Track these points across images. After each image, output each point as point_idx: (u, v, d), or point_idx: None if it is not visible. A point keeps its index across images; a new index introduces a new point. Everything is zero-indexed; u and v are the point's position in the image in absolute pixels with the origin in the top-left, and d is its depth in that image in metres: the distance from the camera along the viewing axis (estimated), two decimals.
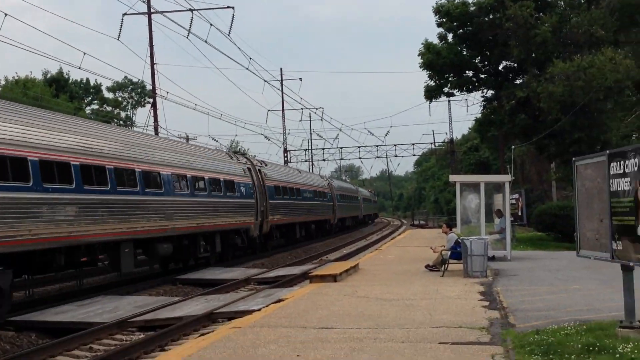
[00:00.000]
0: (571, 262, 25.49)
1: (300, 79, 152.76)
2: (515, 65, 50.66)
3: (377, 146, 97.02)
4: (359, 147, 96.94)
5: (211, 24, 39.71)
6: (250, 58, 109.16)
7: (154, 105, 61.94)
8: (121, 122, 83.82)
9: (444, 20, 50.42)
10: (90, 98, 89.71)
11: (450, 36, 52.01)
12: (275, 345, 11.40)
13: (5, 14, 29.17)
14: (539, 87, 41.89)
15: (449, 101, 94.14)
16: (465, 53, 51.98)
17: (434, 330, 12.41)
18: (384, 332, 12.37)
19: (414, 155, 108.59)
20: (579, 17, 44.87)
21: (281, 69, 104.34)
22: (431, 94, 55.03)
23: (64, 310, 20.02)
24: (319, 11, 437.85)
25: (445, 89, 55.04)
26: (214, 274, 29.83)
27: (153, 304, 20.71)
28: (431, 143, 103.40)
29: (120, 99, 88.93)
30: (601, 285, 18.59)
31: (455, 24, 50.30)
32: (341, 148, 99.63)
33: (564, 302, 15.77)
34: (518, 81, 51.29)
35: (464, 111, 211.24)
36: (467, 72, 53.36)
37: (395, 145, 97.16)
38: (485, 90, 54.52)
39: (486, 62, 52.75)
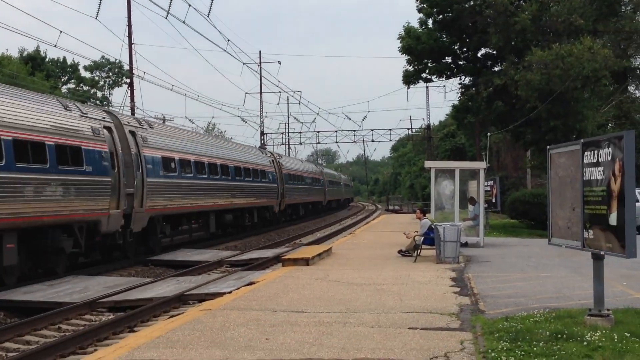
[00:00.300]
0: (543, 249, 25.62)
1: (279, 62, 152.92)
2: (494, 52, 50.62)
3: (354, 131, 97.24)
4: (336, 131, 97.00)
5: (190, 5, 39.39)
6: (229, 40, 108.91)
7: (130, 85, 61.52)
8: (97, 101, 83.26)
9: (425, 5, 50.26)
10: (66, 77, 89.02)
11: (430, 22, 51.88)
12: (245, 329, 11.35)
13: None
14: (517, 75, 41.89)
15: (427, 87, 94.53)
16: (444, 39, 51.87)
17: (404, 315, 12.40)
18: (354, 316, 12.35)
19: (390, 140, 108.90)
20: (558, 6, 44.86)
21: (260, 51, 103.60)
22: (409, 79, 54.87)
23: (33, 290, 19.87)
24: None
25: (424, 75, 54.89)
26: (186, 255, 29.74)
27: (123, 285, 20.61)
28: (408, 129, 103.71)
29: (97, 78, 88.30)
30: (572, 273, 18.71)
31: (435, 9, 50.14)
32: (318, 132, 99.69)
33: (535, 289, 15.83)
34: (496, 68, 51.25)
35: (441, 97, 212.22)
36: (446, 58, 53.23)
37: (372, 130, 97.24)
38: (463, 77, 54.47)
39: (465, 49, 52.66)
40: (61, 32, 39.27)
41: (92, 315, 17.29)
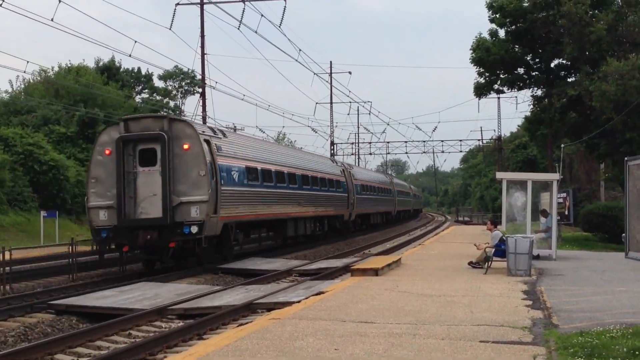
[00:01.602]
0: (618, 263, 25.03)
1: (350, 73, 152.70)
2: (568, 63, 49.88)
3: (424, 141, 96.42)
4: (405, 141, 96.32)
5: (262, 15, 39.78)
6: (300, 50, 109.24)
7: (202, 94, 62.20)
8: (169, 110, 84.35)
9: (497, 15, 49.78)
10: (140, 87, 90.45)
11: (502, 32, 51.35)
12: (313, 338, 11.26)
13: (60, 1, 29.33)
14: (592, 86, 41.18)
15: (499, 98, 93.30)
16: (517, 50, 51.28)
17: (475, 328, 12.18)
18: (423, 328, 12.17)
19: (460, 151, 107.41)
20: (635, 15, 44.00)
21: (331, 62, 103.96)
22: (480, 91, 54.39)
23: (105, 296, 20.12)
24: (370, 4, 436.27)
25: (495, 86, 54.37)
26: (256, 264, 29.80)
27: (194, 292, 20.72)
28: (479, 140, 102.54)
29: (169, 88, 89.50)
30: None
31: (508, 19, 49.62)
32: (388, 142, 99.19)
33: (610, 303, 15.41)
34: (570, 79, 50.50)
35: (513, 108, 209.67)
36: (518, 69, 52.67)
37: (442, 141, 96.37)
38: (535, 88, 53.75)
39: (538, 60, 52.02)
40: (135, 42, 40.13)
41: (162, 322, 17.38)
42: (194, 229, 26.06)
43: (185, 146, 26.59)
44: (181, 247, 26.76)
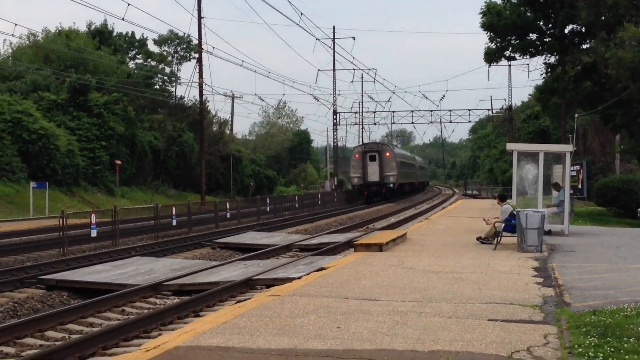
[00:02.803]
0: (633, 239, 25.03)
1: (354, 38, 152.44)
2: (583, 28, 49.65)
3: (431, 111, 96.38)
4: (412, 111, 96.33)
5: None
6: (302, 14, 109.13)
7: (199, 60, 62.16)
8: (165, 77, 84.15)
9: None
10: (134, 52, 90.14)
11: None
12: (315, 316, 11.28)
13: None
14: (608, 53, 40.95)
15: (510, 66, 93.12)
16: (529, 14, 51.00)
17: (484, 306, 12.20)
18: (430, 306, 12.19)
19: (469, 121, 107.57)
20: None
21: (334, 26, 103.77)
22: (491, 57, 54.17)
23: (97, 270, 20.19)
24: None
25: (507, 53, 54.15)
26: (254, 238, 29.89)
27: (190, 268, 20.80)
28: (488, 109, 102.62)
29: (165, 53, 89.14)
30: None
31: None
32: (393, 112, 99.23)
33: (625, 281, 15.42)
34: (584, 46, 50.28)
35: (524, 77, 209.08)
36: (530, 34, 52.40)
37: (450, 110, 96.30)
38: (548, 55, 53.53)
39: (551, 25, 51.74)
40: (129, 4, 39.65)
41: (156, 299, 17.47)
42: (390, 185, 72.22)
43: (387, 154, 72.87)
44: (386, 191, 72.44)
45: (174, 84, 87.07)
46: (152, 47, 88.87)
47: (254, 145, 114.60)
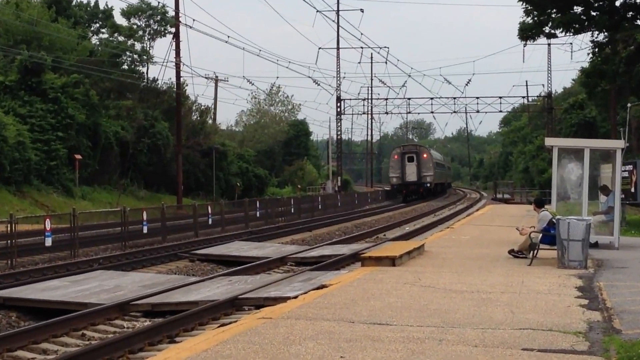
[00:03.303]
0: None
1: (362, 10, 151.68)
2: (637, 1, 49.72)
3: (454, 98, 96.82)
4: (431, 98, 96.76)
5: None
6: None
7: (176, 35, 62.26)
8: (135, 55, 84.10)
9: None
10: (97, 25, 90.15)
11: None
12: (314, 343, 11.31)
13: None
14: None
15: (549, 44, 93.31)
16: None
17: (517, 332, 12.23)
18: (452, 332, 12.22)
19: (500, 111, 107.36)
20: None
21: None
22: (527, 33, 54.22)
23: (53, 287, 20.22)
24: None
25: (546, 28, 54.18)
26: (242, 249, 29.97)
27: (163, 284, 20.85)
28: (523, 97, 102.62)
29: (134, 27, 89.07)
30: None
31: None
32: (409, 99, 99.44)
33: None
34: (639, 22, 50.35)
35: (567, 58, 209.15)
36: (574, 7, 52.42)
37: (477, 98, 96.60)
38: (596, 33, 53.54)
39: None
40: None
41: (123, 321, 17.49)
42: (428, 185, 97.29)
43: (425, 155, 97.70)
44: (423, 190, 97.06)
45: (146, 64, 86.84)
46: (120, 20, 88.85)
47: (241, 137, 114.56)
